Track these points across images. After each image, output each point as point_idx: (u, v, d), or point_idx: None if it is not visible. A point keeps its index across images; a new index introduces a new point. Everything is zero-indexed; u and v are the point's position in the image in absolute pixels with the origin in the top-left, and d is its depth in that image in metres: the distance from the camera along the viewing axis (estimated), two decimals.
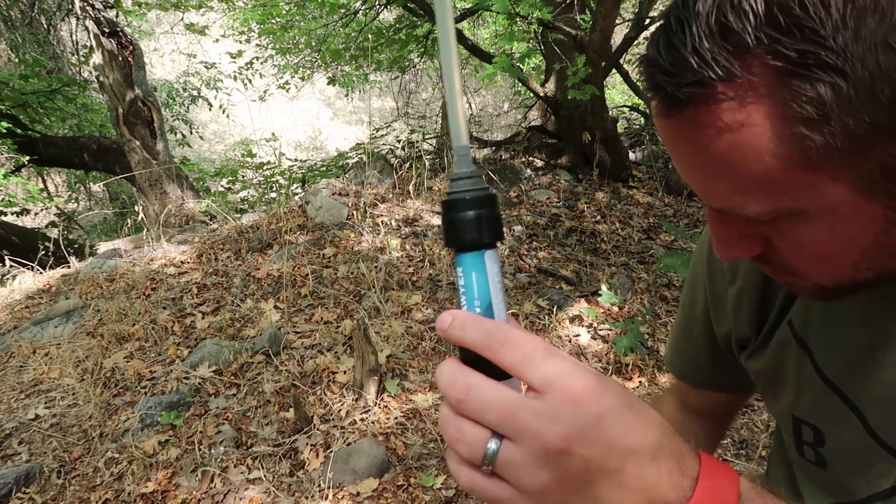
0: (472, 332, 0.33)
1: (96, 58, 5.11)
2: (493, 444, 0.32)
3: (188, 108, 10.00)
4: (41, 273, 3.91)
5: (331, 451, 2.18)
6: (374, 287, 3.19)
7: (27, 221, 6.59)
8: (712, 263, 0.61)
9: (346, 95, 10.09)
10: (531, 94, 5.84)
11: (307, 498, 2.00)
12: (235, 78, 8.34)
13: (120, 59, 5.12)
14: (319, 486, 2.04)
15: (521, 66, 4.27)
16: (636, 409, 0.32)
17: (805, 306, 0.52)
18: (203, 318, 3.03)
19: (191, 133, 9.24)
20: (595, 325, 3.15)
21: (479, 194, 0.34)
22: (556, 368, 0.31)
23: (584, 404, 0.31)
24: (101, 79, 5.21)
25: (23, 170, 6.62)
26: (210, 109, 9.50)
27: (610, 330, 3.10)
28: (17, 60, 7.33)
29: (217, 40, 8.05)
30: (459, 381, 0.33)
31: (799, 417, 0.55)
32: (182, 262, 3.65)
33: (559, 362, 0.32)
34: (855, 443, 0.49)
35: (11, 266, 4.00)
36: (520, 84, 5.73)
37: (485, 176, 4.65)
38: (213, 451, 2.20)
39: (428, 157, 5.09)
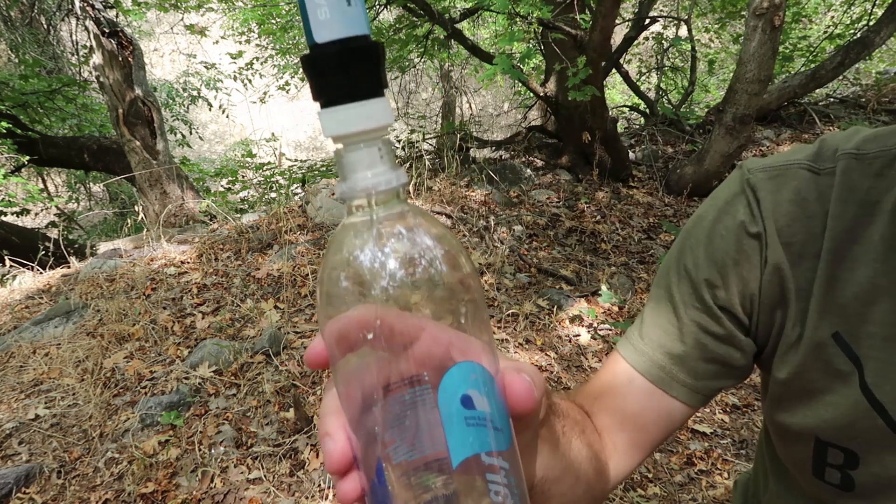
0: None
1: (96, 58, 5.11)
2: None
3: (188, 108, 10.00)
4: (41, 273, 3.91)
5: None
6: None
7: (27, 221, 6.58)
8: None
9: None
10: (531, 94, 5.84)
11: (307, 498, 2.00)
12: (235, 78, 8.34)
13: (120, 59, 5.12)
14: (319, 486, 2.04)
15: (521, 66, 4.27)
16: None
17: (860, 317, 0.47)
18: (203, 318, 3.03)
19: (191, 133, 9.23)
20: (595, 325, 3.15)
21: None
22: None
23: None
24: (101, 79, 5.21)
25: (23, 170, 6.61)
26: (210, 110, 9.50)
27: (610, 330, 3.10)
28: (17, 60, 7.33)
29: (217, 42, 8.04)
30: None
31: (825, 440, 0.50)
32: (182, 262, 3.64)
33: None
34: None
35: (11, 266, 3.99)
36: (520, 84, 5.73)
37: (485, 176, 4.65)
38: (213, 451, 2.20)
39: (428, 157, 5.09)
